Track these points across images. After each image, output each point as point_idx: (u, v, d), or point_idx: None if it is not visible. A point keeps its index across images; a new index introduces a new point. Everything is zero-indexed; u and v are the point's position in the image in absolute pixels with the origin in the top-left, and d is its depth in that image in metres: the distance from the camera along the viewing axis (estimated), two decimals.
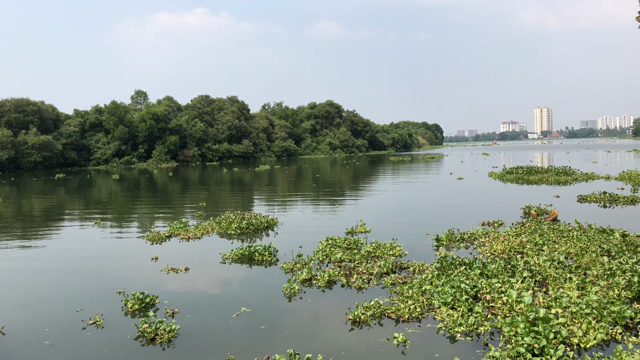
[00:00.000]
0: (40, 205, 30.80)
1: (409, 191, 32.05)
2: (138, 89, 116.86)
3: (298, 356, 6.99)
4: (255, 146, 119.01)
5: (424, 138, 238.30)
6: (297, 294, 10.33)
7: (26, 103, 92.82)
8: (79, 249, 16.14)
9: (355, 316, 8.62)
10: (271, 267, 12.78)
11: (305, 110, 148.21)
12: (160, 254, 14.51)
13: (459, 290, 9.45)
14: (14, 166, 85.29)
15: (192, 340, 8.16)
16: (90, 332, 8.61)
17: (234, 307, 9.63)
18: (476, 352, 7.37)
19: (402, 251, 13.48)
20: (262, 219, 18.76)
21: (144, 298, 9.86)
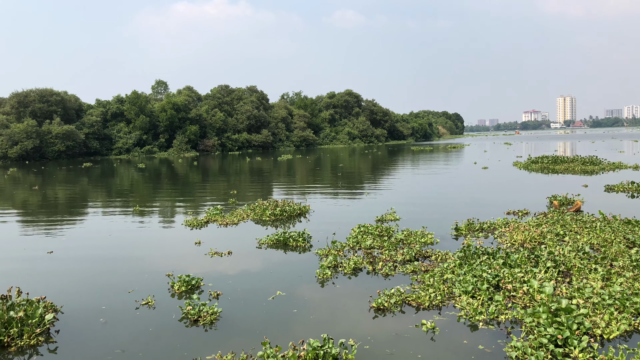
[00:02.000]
0: (77, 193, 31.69)
1: (434, 180, 31.96)
2: (158, 79, 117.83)
3: (332, 340, 7.04)
4: (274, 136, 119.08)
5: (444, 127, 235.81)
6: (330, 279, 10.56)
7: (50, 93, 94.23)
8: (123, 233, 16.77)
9: (378, 304, 8.73)
10: (305, 252, 13.09)
11: (324, 100, 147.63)
12: (202, 239, 15.03)
13: (481, 279, 9.44)
14: (39, 155, 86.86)
15: (232, 322, 8.42)
16: (143, 312, 8.98)
17: (270, 290, 9.94)
18: (497, 341, 7.34)
19: (434, 239, 13.57)
20: (294, 206, 19.18)
21: (189, 280, 10.25)
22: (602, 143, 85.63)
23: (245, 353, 7.09)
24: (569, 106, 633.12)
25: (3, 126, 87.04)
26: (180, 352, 7.36)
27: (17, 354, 7.45)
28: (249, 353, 7.13)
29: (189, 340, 7.79)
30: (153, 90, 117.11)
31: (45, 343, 7.79)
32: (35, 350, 7.61)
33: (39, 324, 8.09)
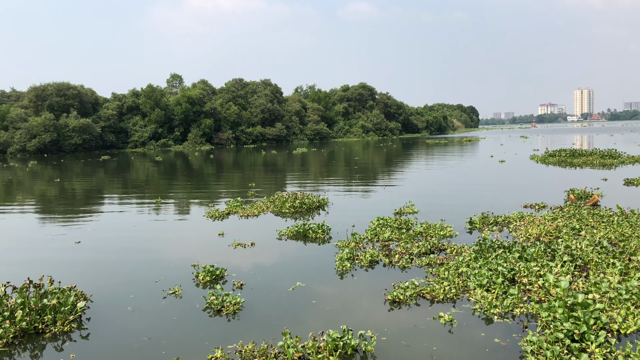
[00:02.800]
0: (98, 185, 32.34)
1: (451, 173, 31.93)
2: (173, 73, 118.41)
3: (351, 332, 7.13)
4: (288, 129, 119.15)
5: (459, 120, 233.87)
6: (349, 271, 10.68)
7: (67, 87, 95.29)
8: (147, 225, 17.13)
9: (394, 296, 8.80)
10: (324, 244, 13.24)
11: (337, 93, 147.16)
12: (225, 230, 15.34)
13: (496, 272, 9.46)
14: (56, 148, 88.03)
15: (253, 312, 8.58)
16: (169, 302, 9.21)
17: (290, 281, 10.13)
18: (512, 335, 7.34)
19: (453, 232, 13.59)
20: (313, 199, 19.40)
21: (214, 271, 10.46)
22: (621, 136, 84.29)
23: (266, 343, 7.19)
24: (586, 99, 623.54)
25: (22, 120, 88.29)
26: (203, 341, 7.50)
27: (51, 340, 7.69)
28: (270, 343, 7.23)
29: (212, 329, 7.95)
30: (168, 84, 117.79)
31: (77, 330, 8.05)
32: (69, 336, 7.85)
33: (71, 311, 8.34)
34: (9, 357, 7.23)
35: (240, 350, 6.96)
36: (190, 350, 7.21)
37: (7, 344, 7.51)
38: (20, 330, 7.75)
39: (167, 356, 7.04)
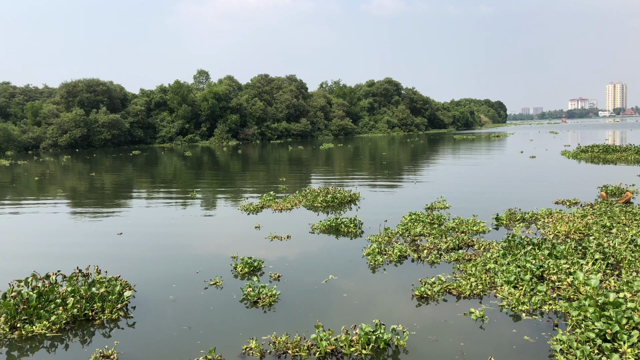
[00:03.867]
0: (133, 179, 33.32)
1: (481, 169, 31.79)
2: (200, 69, 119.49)
3: (383, 326, 7.18)
4: (313, 125, 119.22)
5: (487, 116, 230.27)
6: (380, 265, 10.79)
7: (96, 83, 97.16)
8: (184, 218, 17.60)
9: (421, 292, 8.87)
10: (356, 238, 13.40)
11: (363, 88, 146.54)
12: (260, 223, 15.72)
13: (524, 269, 9.45)
14: (86, 144, 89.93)
15: (288, 304, 8.78)
16: (209, 292, 9.49)
17: (323, 274, 10.33)
18: (541, 333, 7.32)
19: (485, 227, 13.57)
20: (345, 194, 19.62)
21: (252, 262, 10.74)
22: None
23: (299, 335, 7.31)
24: (619, 93, 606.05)
25: (53, 115, 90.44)
26: (238, 332, 7.70)
27: (99, 327, 8.04)
28: (303, 335, 7.36)
29: (248, 320, 8.16)
30: (195, 80, 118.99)
31: (124, 318, 8.39)
32: (116, 324, 8.19)
33: (118, 300, 8.69)
34: (60, 342, 7.57)
35: (274, 341, 7.06)
36: (226, 340, 7.39)
37: (60, 329, 7.88)
38: (72, 317, 8.12)
39: (203, 345, 7.23)
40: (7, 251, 13.45)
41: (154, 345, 7.27)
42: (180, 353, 6.98)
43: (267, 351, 6.91)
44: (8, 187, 30.03)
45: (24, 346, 7.40)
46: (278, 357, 6.79)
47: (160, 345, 7.27)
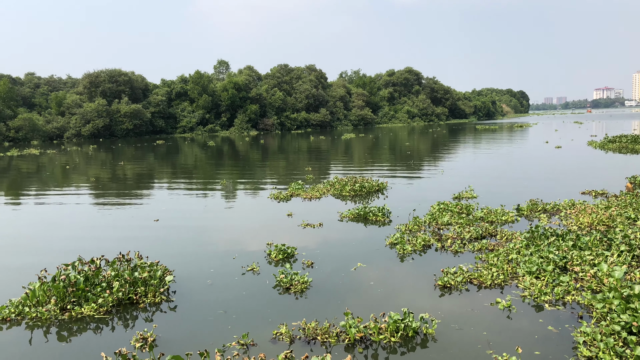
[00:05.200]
0: (161, 168, 34.26)
1: (507, 159, 31.75)
2: (220, 59, 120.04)
3: (412, 315, 7.28)
4: (332, 115, 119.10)
5: (509, 106, 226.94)
6: (406, 254, 10.97)
7: (118, 74, 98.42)
8: (217, 205, 18.17)
9: (444, 282, 8.96)
10: (384, 227, 13.65)
11: (383, 78, 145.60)
12: (292, 211, 16.08)
13: (547, 260, 9.47)
14: (109, 133, 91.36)
15: (319, 291, 9.02)
16: (244, 278, 9.80)
17: (352, 262, 10.58)
18: (564, 324, 7.36)
19: (514, 217, 13.64)
20: (372, 183, 19.87)
21: (285, 249, 11.05)
22: None
23: (329, 322, 7.50)
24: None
25: (77, 105, 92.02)
26: (269, 317, 7.97)
27: (143, 310, 8.43)
28: (332, 322, 7.54)
29: (279, 306, 8.42)
30: (215, 70, 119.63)
31: (165, 302, 8.77)
32: (158, 307, 8.57)
33: (160, 284, 9.08)
34: (106, 324, 7.97)
35: (303, 327, 7.24)
36: (257, 324, 7.65)
37: (106, 312, 8.30)
38: (117, 300, 8.54)
39: (235, 330, 7.51)
40: (53, 236, 14.05)
41: (190, 329, 7.59)
42: (214, 337, 7.27)
43: (297, 337, 7.10)
44: (44, 176, 30.99)
45: (72, 327, 7.83)
46: (307, 343, 6.96)
47: (196, 328, 7.60)
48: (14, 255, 12.00)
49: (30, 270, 10.36)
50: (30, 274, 10.07)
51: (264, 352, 6.66)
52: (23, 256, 11.86)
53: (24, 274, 10.21)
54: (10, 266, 11.04)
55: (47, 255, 11.81)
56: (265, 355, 6.15)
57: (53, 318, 8.06)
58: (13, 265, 11.06)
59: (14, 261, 11.45)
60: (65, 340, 7.39)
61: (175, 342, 7.18)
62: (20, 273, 10.33)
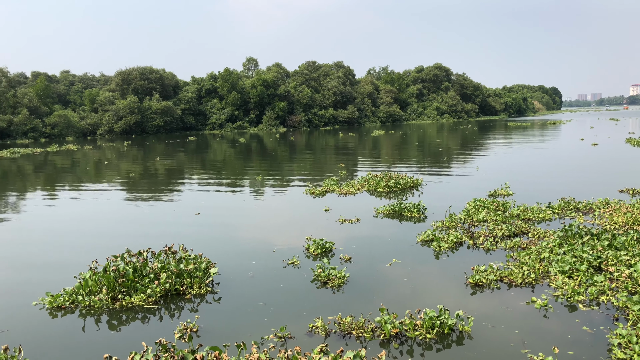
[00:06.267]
0: (195, 163, 35.02)
1: (542, 156, 31.44)
2: (249, 56, 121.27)
3: (447, 312, 7.34)
4: (360, 111, 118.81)
5: (540, 102, 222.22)
6: (445, 252, 11.01)
7: (149, 71, 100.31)
8: (254, 200, 18.69)
9: (476, 280, 8.96)
10: (419, 223, 13.76)
11: (411, 74, 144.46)
12: (329, 207, 16.39)
13: (580, 259, 9.38)
14: (140, 130, 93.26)
15: (355, 286, 9.15)
16: (284, 271, 10.05)
17: (388, 257, 10.74)
18: (597, 324, 7.29)
19: (551, 215, 13.56)
20: (407, 179, 19.94)
21: (323, 244, 11.24)
22: None
23: (364, 317, 7.58)
24: None
25: (109, 102, 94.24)
26: (306, 310, 8.17)
27: (188, 301, 8.77)
28: (367, 317, 7.66)
29: (316, 300, 8.61)
30: (244, 67, 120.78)
31: (210, 293, 9.10)
32: (203, 298, 8.90)
33: (204, 276, 9.41)
34: (153, 314, 8.33)
35: (339, 322, 7.35)
36: (294, 318, 7.86)
37: (154, 302, 8.68)
38: (164, 291, 8.90)
39: (272, 322, 7.72)
40: (98, 232, 14.53)
41: (230, 320, 7.87)
42: (252, 328, 7.49)
43: (332, 331, 7.24)
44: (84, 171, 32.05)
45: (122, 316, 8.22)
46: (342, 337, 7.06)
47: (236, 320, 7.87)
48: (63, 248, 12.54)
49: (78, 262, 10.87)
50: (79, 266, 10.55)
51: (300, 344, 6.82)
52: (72, 249, 12.39)
53: (73, 265, 10.69)
54: (61, 258, 11.56)
55: (94, 247, 12.32)
56: (301, 348, 6.29)
57: (105, 307, 8.48)
58: (63, 258, 11.57)
59: (63, 253, 11.97)
60: (115, 329, 7.78)
61: (215, 332, 7.44)
62: (69, 265, 10.81)
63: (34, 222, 15.91)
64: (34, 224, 15.73)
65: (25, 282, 9.94)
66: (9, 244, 13.11)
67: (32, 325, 7.90)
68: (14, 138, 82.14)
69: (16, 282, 9.99)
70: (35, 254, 11.94)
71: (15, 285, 9.81)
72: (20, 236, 14.03)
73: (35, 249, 12.44)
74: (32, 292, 9.20)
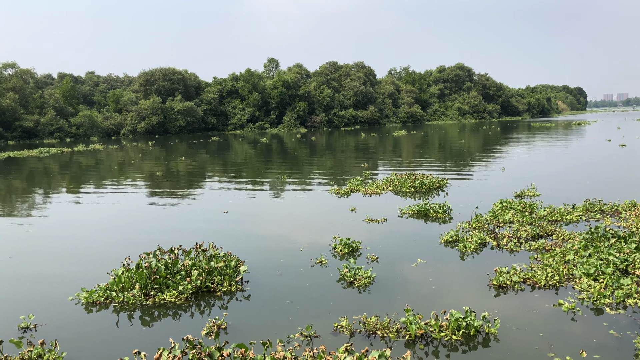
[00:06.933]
0: (220, 163, 35.60)
1: (569, 157, 31.21)
2: (270, 57, 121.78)
3: (473, 313, 7.32)
4: (381, 112, 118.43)
5: (565, 103, 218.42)
6: (470, 253, 11.01)
7: (172, 72, 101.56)
8: (280, 198, 19.18)
9: (499, 282, 8.93)
10: (445, 224, 13.76)
11: (433, 75, 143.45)
12: (355, 206, 16.49)
13: (606, 262, 9.28)
14: (163, 130, 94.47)
15: (381, 286, 9.24)
16: (313, 270, 10.20)
17: (413, 257, 10.81)
18: (627, 332, 7.14)
19: (579, 217, 13.44)
20: (433, 180, 19.98)
21: (350, 243, 11.33)
22: None
23: (389, 317, 7.60)
24: None
25: (133, 103, 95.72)
26: (332, 309, 8.26)
27: (218, 298, 8.96)
28: (392, 318, 7.69)
29: (342, 299, 8.69)
30: (265, 68, 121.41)
31: (240, 291, 9.28)
32: (233, 295, 9.10)
33: (234, 274, 9.62)
34: (185, 310, 8.54)
35: (364, 321, 7.42)
36: (319, 316, 7.95)
37: (186, 299, 8.89)
38: (195, 288, 9.11)
39: (298, 320, 7.84)
40: (129, 229, 14.94)
41: (258, 318, 8.02)
42: (279, 326, 7.62)
43: (357, 330, 7.30)
44: (114, 170, 32.84)
45: (154, 312, 8.46)
46: (367, 337, 7.11)
47: (263, 317, 8.02)
48: (95, 244, 12.95)
49: (110, 258, 11.20)
50: (111, 262, 10.87)
51: (325, 343, 6.89)
52: (105, 245, 12.79)
53: (106, 261, 11.03)
54: (93, 254, 11.92)
55: (126, 243, 12.71)
56: (326, 347, 6.35)
57: (138, 303, 8.73)
58: (95, 254, 11.94)
59: (100, 250, 12.33)
60: (148, 324, 8.01)
61: (243, 329, 7.59)
62: (102, 260, 11.15)
63: (66, 219, 16.40)
64: (67, 220, 16.22)
65: (61, 277, 10.29)
66: (45, 239, 13.58)
67: (68, 320, 8.19)
68: (41, 138, 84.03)
69: (53, 277, 10.35)
70: (69, 250, 12.34)
71: (52, 280, 10.15)
72: (57, 232, 14.52)
73: (70, 245, 12.86)
74: (67, 288, 9.51)
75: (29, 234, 14.47)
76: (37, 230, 14.89)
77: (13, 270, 10.87)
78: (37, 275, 10.44)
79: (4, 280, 10.25)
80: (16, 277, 10.43)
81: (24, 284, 9.95)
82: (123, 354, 6.87)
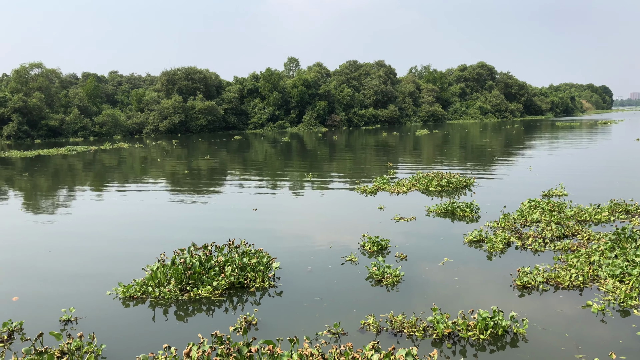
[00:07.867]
0: (245, 161, 36.12)
1: (596, 157, 30.97)
2: (290, 56, 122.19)
3: (502, 313, 7.33)
4: (401, 111, 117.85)
5: (589, 102, 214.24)
6: (498, 252, 11.05)
7: (193, 71, 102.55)
8: (308, 196, 19.51)
9: (524, 282, 8.94)
10: (472, 223, 13.83)
11: (454, 73, 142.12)
12: (383, 205, 16.64)
13: (632, 263, 9.20)
14: (184, 129, 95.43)
15: (408, 284, 9.37)
16: (343, 267, 10.40)
17: (440, 256, 10.92)
18: None
19: (607, 218, 13.33)
20: (460, 179, 19.97)
21: (379, 242, 11.54)
22: None
23: (415, 316, 7.68)
24: None
25: (155, 102, 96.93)
26: (359, 307, 8.39)
27: (251, 294, 9.20)
28: (419, 316, 7.75)
29: (370, 297, 8.84)
30: (285, 67, 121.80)
31: (272, 287, 9.52)
32: (266, 291, 9.34)
33: (267, 270, 9.84)
34: (218, 305, 8.80)
35: (390, 319, 7.53)
36: (346, 313, 8.10)
37: (220, 294, 9.15)
38: (229, 284, 9.37)
39: (325, 317, 7.98)
40: (162, 225, 15.26)
41: (288, 314, 8.22)
42: (307, 323, 7.78)
43: (384, 328, 7.41)
44: (141, 168, 33.52)
45: (189, 307, 8.74)
46: (394, 335, 7.20)
47: (292, 313, 8.22)
48: (130, 240, 13.38)
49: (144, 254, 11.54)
50: (145, 258, 11.18)
51: (351, 341, 7.00)
52: (139, 241, 13.22)
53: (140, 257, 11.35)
54: (130, 251, 12.29)
55: (159, 240, 13.05)
56: (352, 345, 6.44)
57: (174, 298, 9.02)
58: (134, 250, 12.30)
59: (134, 246, 12.73)
60: (182, 319, 8.28)
61: (273, 325, 7.78)
62: (136, 256, 11.49)
63: (100, 216, 16.87)
64: (100, 217, 16.67)
65: (97, 272, 10.65)
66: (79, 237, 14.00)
67: (107, 314, 8.52)
68: (65, 136, 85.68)
69: (90, 272, 10.71)
70: (103, 247, 12.73)
71: (89, 275, 10.52)
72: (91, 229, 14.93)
73: (104, 241, 13.26)
74: (104, 282, 9.85)
75: (65, 230, 14.92)
76: (71, 227, 15.34)
77: (52, 265, 11.30)
78: (75, 270, 10.83)
79: (45, 275, 10.66)
80: (55, 271, 10.86)
81: (62, 278, 10.36)
82: (158, 348, 7.05)
